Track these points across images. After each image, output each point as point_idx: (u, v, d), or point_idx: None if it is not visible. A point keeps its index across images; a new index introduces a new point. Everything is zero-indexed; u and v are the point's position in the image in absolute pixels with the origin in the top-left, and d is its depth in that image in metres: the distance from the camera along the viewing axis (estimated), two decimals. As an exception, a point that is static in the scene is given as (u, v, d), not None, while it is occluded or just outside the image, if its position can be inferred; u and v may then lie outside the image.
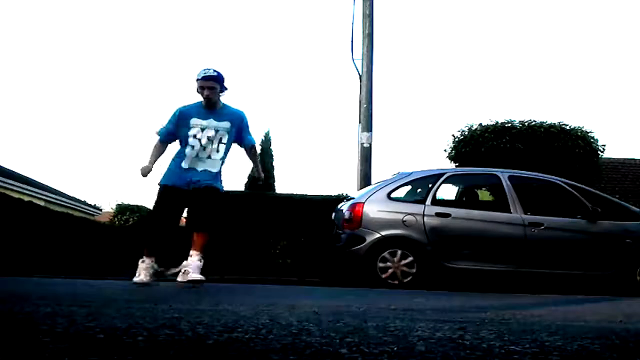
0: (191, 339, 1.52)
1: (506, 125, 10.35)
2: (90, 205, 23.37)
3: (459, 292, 5.84)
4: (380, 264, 6.48)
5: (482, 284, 6.63)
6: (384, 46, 36.82)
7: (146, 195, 62.77)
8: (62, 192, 21.02)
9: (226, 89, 4.99)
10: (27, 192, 16.44)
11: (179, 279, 4.75)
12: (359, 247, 6.54)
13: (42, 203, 15.12)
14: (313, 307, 2.83)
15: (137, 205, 14.56)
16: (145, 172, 4.95)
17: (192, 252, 4.75)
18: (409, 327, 2.00)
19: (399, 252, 6.52)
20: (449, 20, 46.69)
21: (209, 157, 4.88)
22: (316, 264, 9.38)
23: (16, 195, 12.06)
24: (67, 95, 55.79)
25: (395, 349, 1.48)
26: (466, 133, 10.68)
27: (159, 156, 5.04)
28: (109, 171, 60.55)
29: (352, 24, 10.19)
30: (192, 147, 4.86)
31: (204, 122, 4.88)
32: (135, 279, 4.80)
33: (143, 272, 4.83)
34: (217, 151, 4.91)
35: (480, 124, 10.59)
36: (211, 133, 4.87)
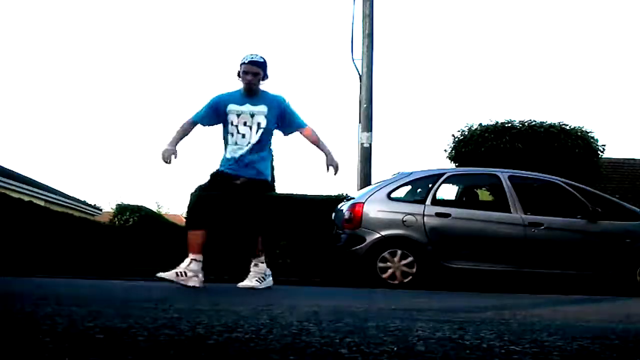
0: (191, 339, 1.52)
1: (506, 125, 10.35)
2: (90, 205, 23.37)
3: (459, 292, 5.84)
4: (380, 264, 6.48)
5: (482, 284, 6.63)
6: (384, 46, 36.82)
7: (146, 195, 62.75)
8: (62, 192, 21.02)
9: (268, 77, 4.75)
10: (27, 192, 16.43)
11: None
12: (359, 247, 6.54)
13: (42, 203, 15.12)
14: (313, 307, 2.83)
15: (137, 205, 14.56)
16: (168, 156, 4.59)
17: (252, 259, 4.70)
18: (409, 327, 2.00)
19: (399, 252, 6.52)
20: (449, 20, 46.68)
21: (249, 143, 4.65)
22: (316, 264, 9.37)
23: (16, 195, 12.06)
24: (68, 95, 55.78)
25: (395, 349, 1.48)
26: (466, 133, 10.68)
27: (183, 137, 4.73)
28: (109, 171, 60.56)
29: (352, 24, 10.19)
30: (232, 134, 4.68)
31: (241, 108, 4.69)
32: (188, 283, 4.42)
33: (191, 274, 4.44)
34: (257, 138, 4.66)
35: (480, 124, 10.59)
36: (247, 118, 4.66)
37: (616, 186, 13.23)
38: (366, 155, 9.61)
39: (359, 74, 9.91)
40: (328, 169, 4.83)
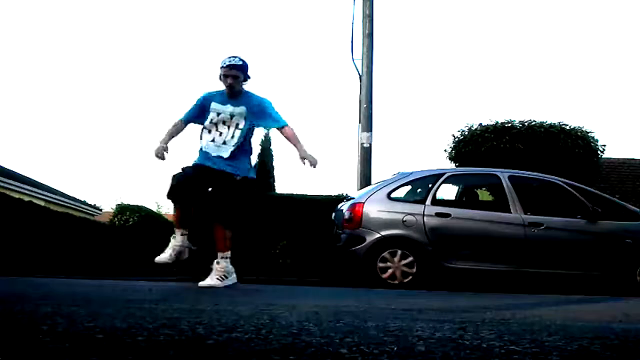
0: (191, 339, 1.52)
1: (506, 125, 10.34)
2: (90, 205, 23.35)
3: (459, 292, 5.84)
4: (380, 264, 6.48)
5: (482, 284, 6.63)
6: (384, 46, 36.84)
7: (146, 195, 62.77)
8: (62, 192, 21.02)
9: (249, 77, 4.93)
10: (27, 192, 16.43)
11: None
12: (359, 247, 6.54)
13: (42, 203, 15.10)
14: (313, 307, 2.83)
15: (137, 205, 14.54)
16: (160, 153, 4.82)
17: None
18: (409, 327, 2.00)
19: (399, 252, 6.52)
20: (449, 20, 46.69)
21: (224, 142, 4.84)
22: (316, 264, 9.38)
23: (16, 195, 12.05)
24: (68, 95, 55.79)
25: (395, 349, 1.48)
26: (466, 133, 10.67)
27: (174, 135, 4.95)
28: (109, 171, 60.57)
29: (352, 24, 10.19)
30: (209, 131, 4.87)
31: (222, 107, 4.88)
32: (158, 259, 4.81)
33: (169, 250, 4.82)
34: (232, 137, 4.84)
35: (480, 124, 10.59)
36: (226, 118, 4.85)
37: (616, 186, 13.23)
38: (366, 155, 9.62)
39: (359, 74, 9.91)
40: (303, 162, 4.92)
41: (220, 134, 4.84)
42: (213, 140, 4.83)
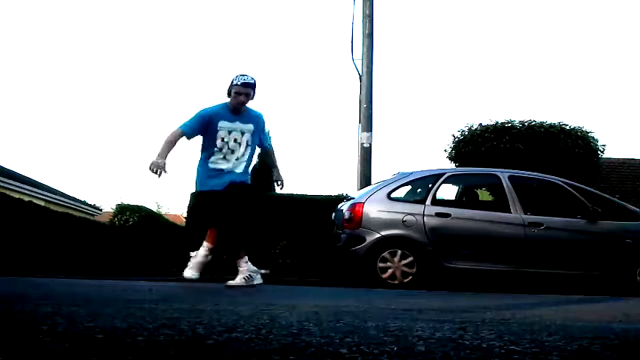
0: (191, 339, 1.52)
1: (506, 125, 10.33)
2: (90, 205, 23.35)
3: (459, 292, 5.84)
4: (380, 264, 6.48)
5: (482, 284, 6.63)
6: (384, 46, 36.82)
7: (146, 195, 62.76)
8: (62, 192, 21.01)
9: (255, 95, 5.04)
10: (27, 192, 16.42)
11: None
12: (359, 247, 6.54)
13: (42, 203, 15.10)
14: (313, 307, 2.83)
15: (137, 205, 14.54)
16: (159, 169, 4.77)
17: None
18: (409, 327, 2.00)
19: (399, 252, 6.51)
20: (449, 20, 46.68)
21: (237, 159, 4.95)
22: (316, 264, 9.37)
23: (16, 195, 12.05)
24: (68, 95, 55.78)
25: (395, 349, 1.48)
26: (466, 133, 10.66)
27: (171, 150, 4.90)
28: (109, 171, 60.57)
29: (352, 24, 10.18)
30: (220, 149, 4.91)
31: (232, 125, 4.94)
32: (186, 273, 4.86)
33: (195, 264, 4.88)
34: (244, 154, 4.98)
35: (480, 124, 10.57)
36: (238, 135, 4.94)
37: (616, 186, 13.23)
38: (366, 155, 9.61)
39: (359, 74, 9.91)
40: (277, 183, 5.34)
41: (232, 151, 4.93)
42: (224, 158, 4.91)
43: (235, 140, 4.92)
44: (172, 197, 57.79)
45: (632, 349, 1.72)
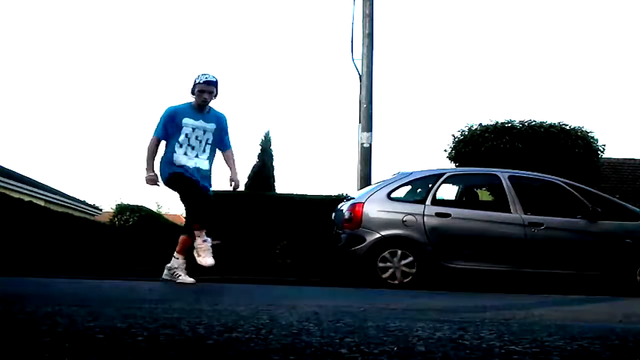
0: (191, 339, 1.52)
1: (506, 125, 10.34)
2: (90, 205, 23.36)
3: (459, 292, 5.84)
4: (380, 264, 6.48)
5: (482, 284, 6.63)
6: (384, 46, 36.84)
7: (146, 195, 62.76)
8: (62, 192, 21.02)
9: (218, 94, 5.22)
10: (27, 192, 16.43)
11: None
12: (359, 247, 6.54)
13: (42, 203, 15.11)
14: (313, 307, 2.83)
15: (137, 205, 14.55)
16: (153, 181, 5.13)
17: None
18: (409, 327, 2.00)
19: (399, 252, 6.51)
20: (449, 20, 46.68)
21: (197, 156, 5.10)
22: (316, 264, 9.37)
23: (16, 195, 12.05)
24: (67, 95, 55.77)
25: (395, 349, 1.48)
26: (466, 133, 10.66)
27: (154, 157, 5.19)
28: (109, 171, 60.57)
29: (352, 24, 10.18)
30: (181, 145, 5.06)
31: (195, 123, 5.11)
32: (204, 263, 4.94)
33: (208, 253, 4.97)
34: (204, 151, 5.14)
35: (480, 124, 10.58)
36: (200, 133, 5.10)
37: (616, 186, 13.23)
38: (366, 155, 9.61)
39: (359, 74, 9.90)
40: (231, 184, 5.37)
41: (193, 148, 5.09)
42: (186, 154, 5.06)
43: (196, 138, 5.09)
44: (172, 197, 57.77)
45: (632, 349, 1.72)
